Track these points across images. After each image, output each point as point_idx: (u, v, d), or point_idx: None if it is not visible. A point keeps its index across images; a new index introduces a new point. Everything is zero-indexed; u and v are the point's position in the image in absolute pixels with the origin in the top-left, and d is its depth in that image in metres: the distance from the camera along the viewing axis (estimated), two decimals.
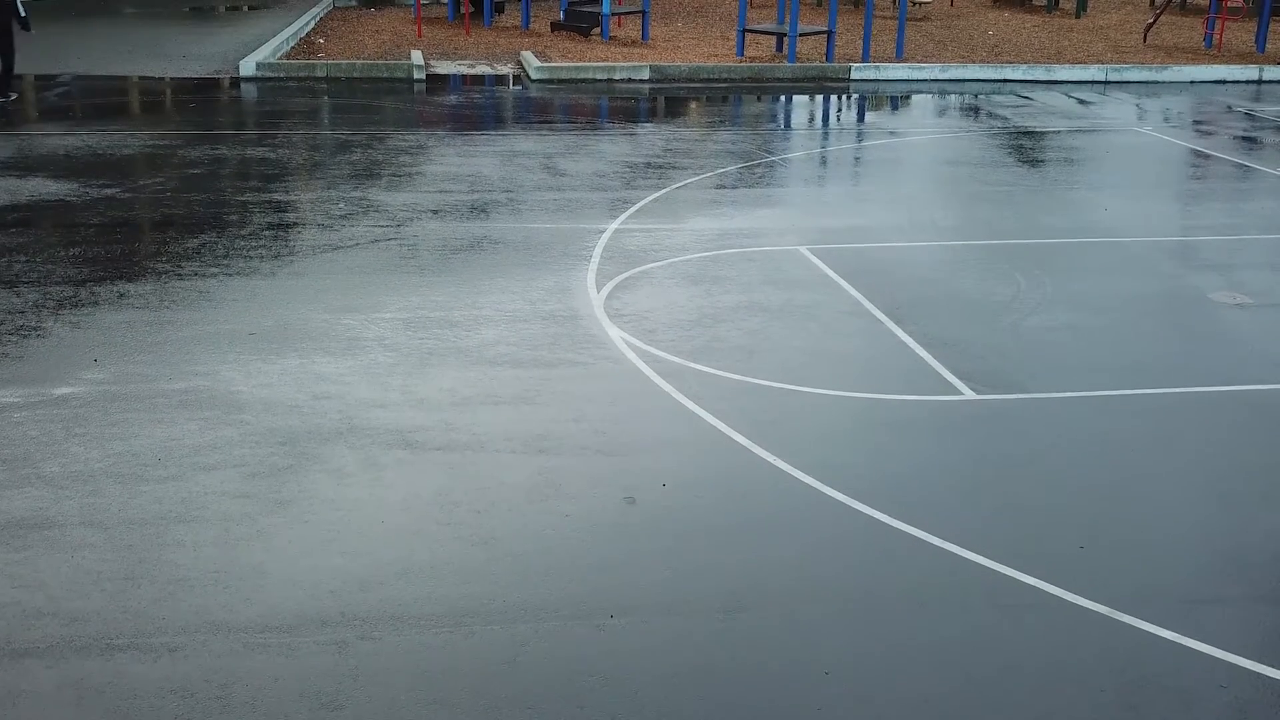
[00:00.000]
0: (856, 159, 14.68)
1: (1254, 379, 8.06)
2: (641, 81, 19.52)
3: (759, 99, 18.60)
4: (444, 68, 20.03)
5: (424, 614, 5.31)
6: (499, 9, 25.89)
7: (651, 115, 17.42)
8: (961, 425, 7.33)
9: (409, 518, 6.09)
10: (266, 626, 5.19)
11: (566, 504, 6.26)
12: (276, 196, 11.99)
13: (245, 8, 27.90)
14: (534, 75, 19.39)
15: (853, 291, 9.50)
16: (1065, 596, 5.54)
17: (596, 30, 23.02)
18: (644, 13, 23.04)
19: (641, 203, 12.02)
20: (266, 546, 5.81)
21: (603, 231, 11.01)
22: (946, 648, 5.20)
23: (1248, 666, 5.08)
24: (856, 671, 5.04)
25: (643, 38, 22.83)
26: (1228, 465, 6.88)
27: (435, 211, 11.55)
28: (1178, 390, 7.86)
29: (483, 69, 20.15)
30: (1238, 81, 20.87)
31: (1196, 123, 17.32)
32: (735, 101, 18.37)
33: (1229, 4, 24.44)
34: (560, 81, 19.30)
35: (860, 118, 17.57)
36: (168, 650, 5.02)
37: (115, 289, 9.21)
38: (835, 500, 6.35)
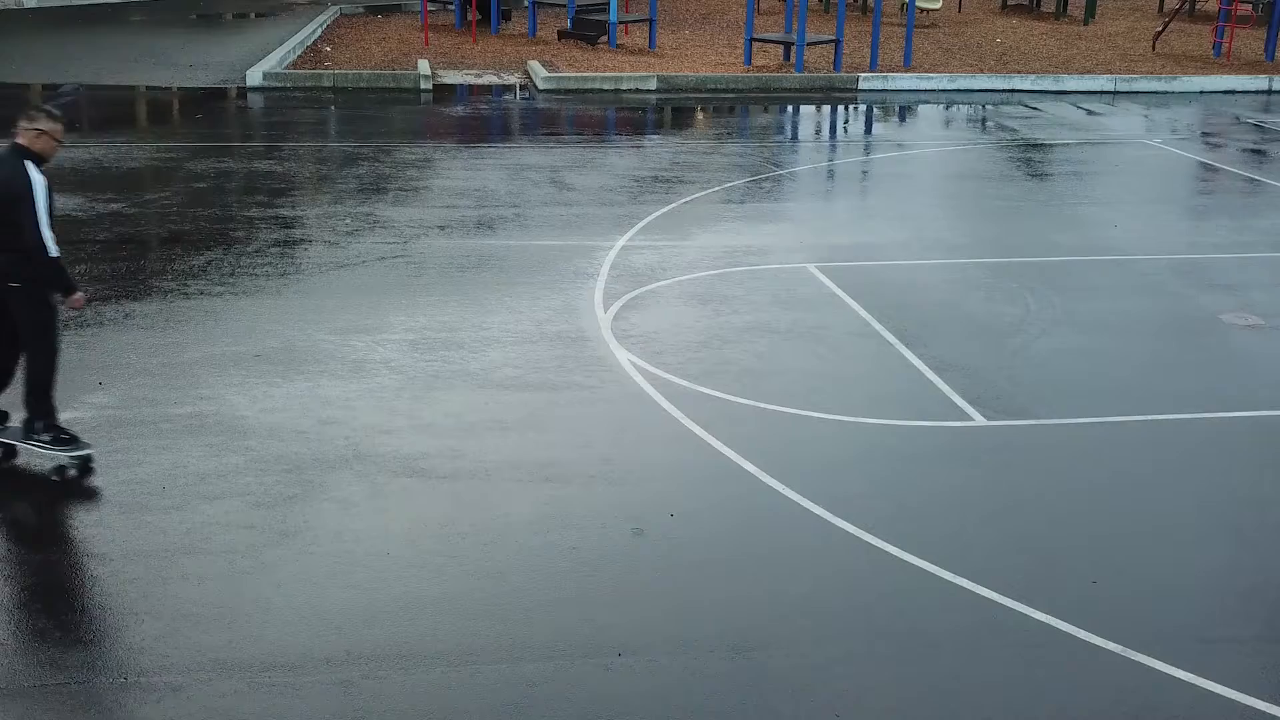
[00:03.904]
0: (864, 173, 14.62)
1: (1267, 404, 7.99)
2: (649, 92, 19.47)
3: (766, 110, 18.55)
4: (451, 77, 20.00)
5: (430, 652, 5.26)
6: (506, 16, 25.86)
7: (659, 127, 17.37)
8: (972, 454, 7.26)
9: (415, 550, 6.04)
10: (271, 665, 5.14)
11: (574, 535, 6.21)
12: (283, 212, 11.95)
13: (252, 15, 27.90)
14: (541, 85, 19.36)
15: (861, 312, 9.44)
16: (1078, 634, 5.48)
17: (604, 38, 22.98)
18: (651, 21, 23.00)
19: (649, 218, 11.97)
20: (271, 580, 5.76)
21: (610, 248, 10.96)
22: (958, 689, 5.14)
23: (1265, 709, 5.01)
24: (867, 715, 4.98)
25: (650, 46, 22.78)
26: (1242, 496, 6.81)
27: (442, 227, 11.50)
28: (1189, 416, 7.79)
29: (490, 78, 20.11)
30: (1247, 92, 20.78)
31: (1205, 135, 17.24)
32: (742, 112, 18.32)
33: (1238, 12, 24.35)
34: (567, 91, 19.26)
35: (868, 130, 17.51)
36: (171, 690, 4.97)
37: (121, 309, 9.17)
38: (845, 532, 6.29)
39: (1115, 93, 20.41)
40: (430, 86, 19.20)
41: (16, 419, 6.85)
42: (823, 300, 9.72)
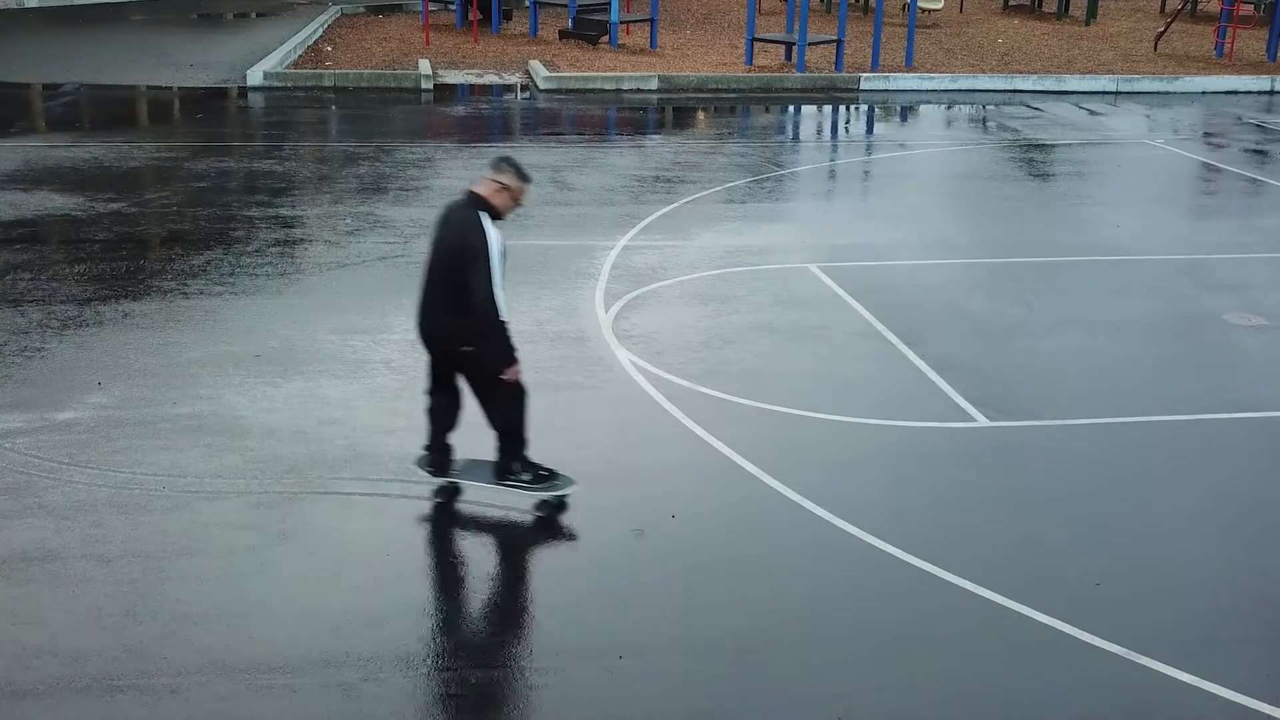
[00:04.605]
0: (866, 173, 14.60)
1: (1270, 405, 7.96)
2: (650, 91, 19.44)
3: (767, 110, 18.52)
4: (452, 77, 19.98)
5: (430, 653, 5.23)
6: (507, 16, 25.84)
7: (660, 126, 17.35)
8: (974, 455, 7.23)
9: (414, 552, 6.02)
10: (270, 667, 5.11)
11: (574, 537, 6.18)
12: (283, 211, 11.92)
13: (253, 15, 27.87)
14: (542, 85, 19.33)
15: (863, 312, 9.40)
16: (1080, 636, 5.45)
17: (605, 38, 22.95)
18: (653, 21, 22.98)
19: (650, 218, 11.94)
20: (270, 581, 5.74)
21: (611, 248, 10.93)
22: (960, 691, 5.11)
23: (1267, 711, 4.98)
24: (869, 717, 4.95)
25: (651, 46, 22.76)
26: (1246, 497, 6.78)
27: None
28: (1193, 417, 7.76)
29: (490, 78, 20.09)
30: (1249, 92, 20.74)
31: (1208, 135, 17.21)
32: (744, 112, 18.29)
33: (1240, 12, 24.32)
34: (568, 91, 19.23)
35: (869, 130, 17.48)
36: (169, 692, 4.95)
37: (120, 308, 9.15)
38: (847, 533, 6.26)
39: (1117, 93, 20.37)
40: (431, 86, 19.17)
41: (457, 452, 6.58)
42: (824, 300, 9.69)
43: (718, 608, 5.64)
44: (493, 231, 5.97)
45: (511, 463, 6.37)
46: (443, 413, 6.47)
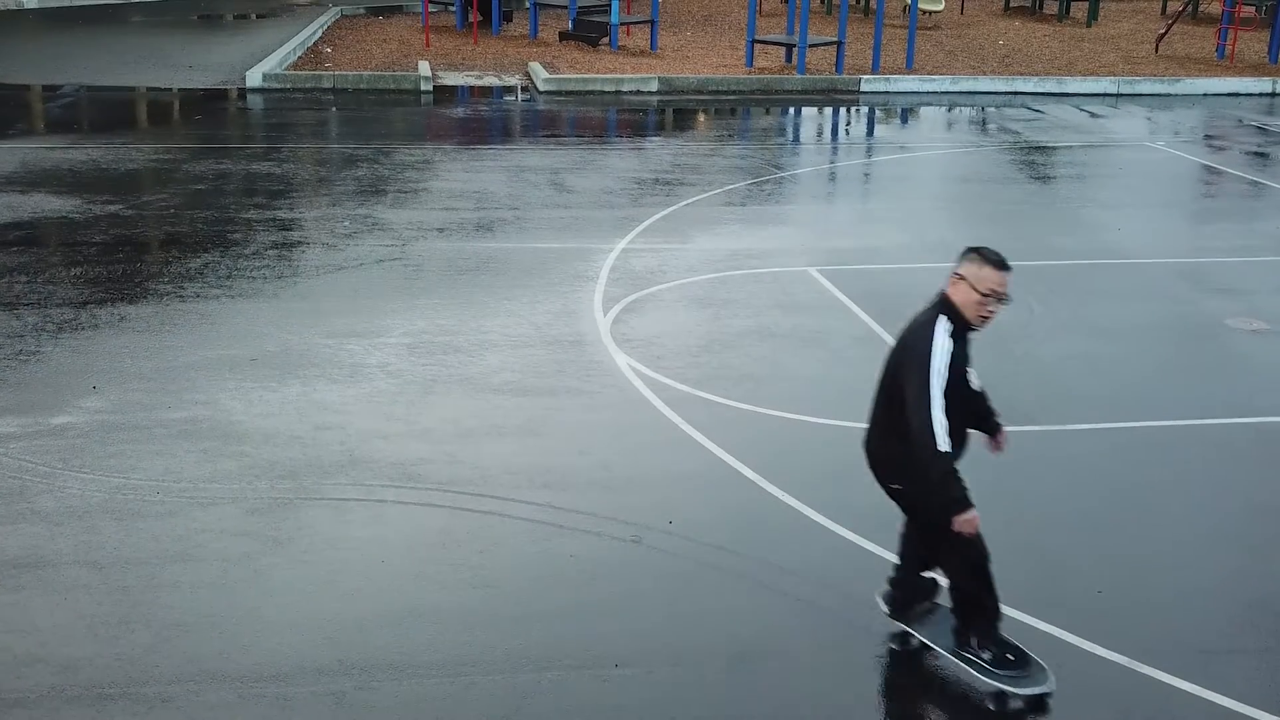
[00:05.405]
0: (866, 175, 14.55)
1: (1273, 410, 7.91)
2: (650, 93, 19.40)
3: (767, 112, 18.47)
4: (451, 79, 19.93)
5: (424, 662, 5.18)
6: (507, 18, 25.81)
7: (659, 129, 17.30)
8: (974, 461, 7.16)
9: (410, 558, 5.97)
10: (262, 676, 5.06)
11: (571, 544, 6.13)
12: (281, 214, 11.88)
13: (253, 16, 27.84)
14: (542, 87, 19.29)
15: (863, 316, 9.36)
16: (1082, 645, 5.40)
17: (605, 40, 22.91)
18: (653, 22, 22.94)
19: (649, 221, 11.89)
20: (264, 588, 5.69)
21: (610, 251, 10.88)
22: (961, 699, 5.06)
23: None
24: None
25: (651, 48, 22.72)
26: (1248, 505, 6.73)
27: (441, 230, 11.43)
28: (1195, 423, 7.71)
29: (490, 80, 20.04)
30: (1250, 94, 20.69)
31: (1209, 138, 17.16)
32: (744, 114, 18.24)
33: (1241, 14, 24.28)
34: (568, 93, 19.19)
35: (870, 132, 17.43)
36: (160, 701, 4.90)
37: (116, 311, 9.10)
38: (846, 539, 6.22)
39: (1118, 95, 20.33)
40: (431, 88, 19.13)
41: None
42: (824, 304, 9.64)
43: (715, 615, 5.58)
44: (942, 340, 4.79)
45: (969, 633, 5.10)
46: (909, 542, 5.38)
